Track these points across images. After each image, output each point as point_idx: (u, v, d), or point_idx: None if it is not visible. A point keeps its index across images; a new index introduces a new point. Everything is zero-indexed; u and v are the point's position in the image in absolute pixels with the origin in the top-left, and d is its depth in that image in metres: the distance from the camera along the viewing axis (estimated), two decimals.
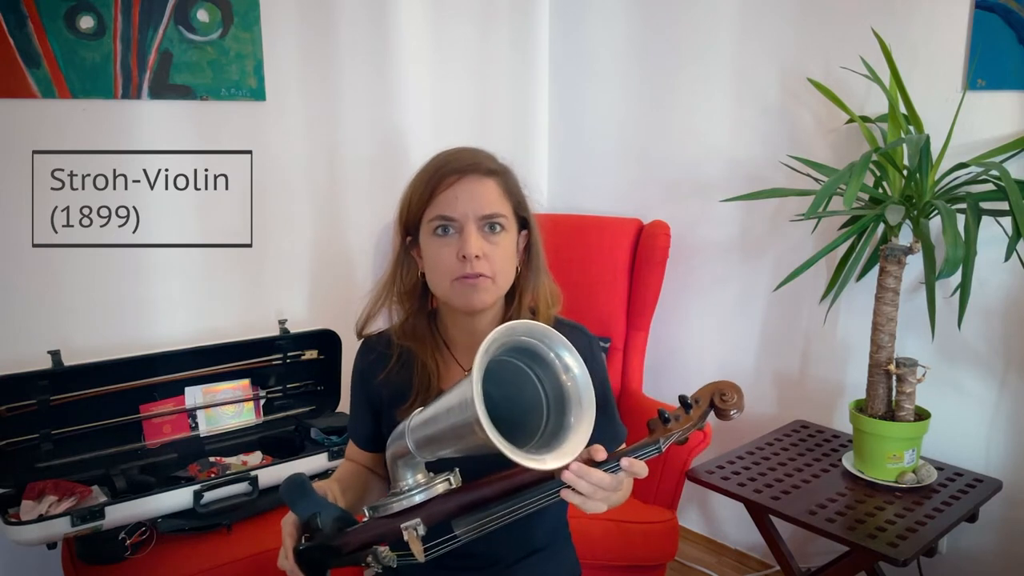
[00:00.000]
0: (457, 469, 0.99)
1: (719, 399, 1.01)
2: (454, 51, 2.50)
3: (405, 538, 0.94)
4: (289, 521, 0.98)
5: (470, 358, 1.15)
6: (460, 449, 0.91)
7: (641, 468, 0.95)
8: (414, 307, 1.16)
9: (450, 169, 1.07)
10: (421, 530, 0.94)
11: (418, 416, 0.96)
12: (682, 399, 1.01)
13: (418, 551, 0.93)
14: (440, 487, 0.96)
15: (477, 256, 1.04)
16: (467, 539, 0.98)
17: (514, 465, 0.85)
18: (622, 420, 1.24)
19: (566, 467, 0.90)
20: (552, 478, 0.95)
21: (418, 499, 0.95)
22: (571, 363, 0.93)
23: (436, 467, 0.99)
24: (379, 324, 1.21)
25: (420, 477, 0.98)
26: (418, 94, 2.42)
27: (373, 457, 1.24)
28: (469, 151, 1.11)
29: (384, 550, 0.95)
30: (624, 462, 0.93)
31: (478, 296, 1.07)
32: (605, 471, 0.93)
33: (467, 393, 0.84)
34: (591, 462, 0.93)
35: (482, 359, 0.86)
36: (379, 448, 1.23)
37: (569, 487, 0.91)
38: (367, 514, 0.97)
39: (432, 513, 0.96)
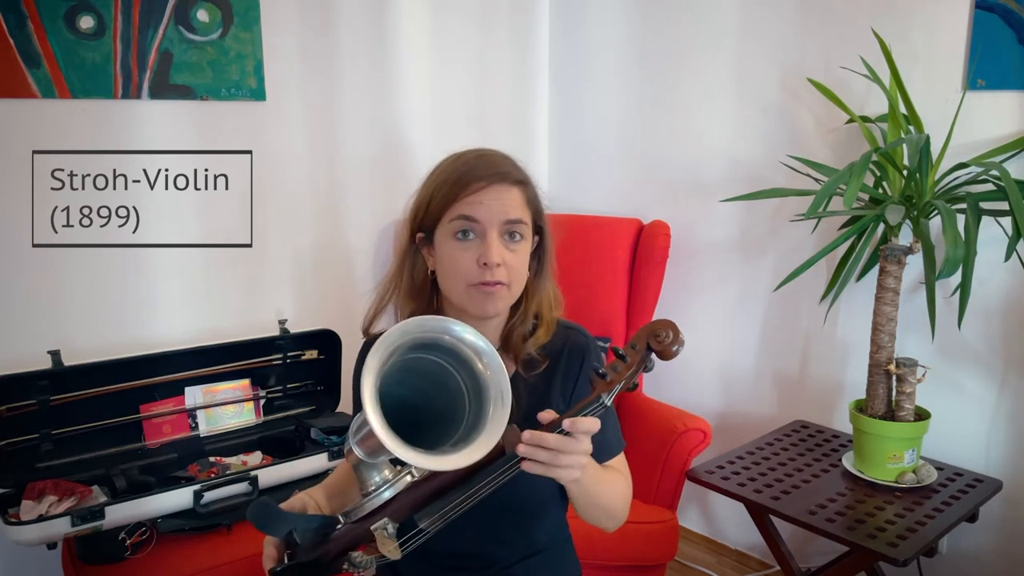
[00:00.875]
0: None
1: (654, 341, 0.97)
2: (454, 51, 2.50)
3: (376, 539, 0.93)
4: (269, 542, 0.97)
5: None
6: (387, 455, 0.90)
7: (589, 424, 0.92)
8: (420, 306, 1.16)
9: (479, 174, 1.06)
10: (391, 528, 0.93)
11: (355, 420, 0.96)
12: (615, 350, 0.98)
13: (390, 550, 0.91)
14: (406, 479, 0.95)
15: (498, 264, 1.04)
16: (434, 530, 0.95)
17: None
18: (622, 421, 1.23)
19: (502, 449, 0.90)
20: (503, 454, 0.94)
21: (387, 495, 0.94)
22: (482, 346, 0.92)
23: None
24: (384, 322, 1.21)
25: (387, 473, 0.96)
26: (418, 94, 2.42)
27: None
28: (499, 156, 1.11)
29: (359, 555, 0.94)
30: (566, 423, 0.91)
31: (493, 304, 1.07)
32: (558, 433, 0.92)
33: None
34: (544, 427, 0.93)
35: (374, 360, 0.86)
36: None
37: (527, 459, 0.91)
38: (341, 521, 0.96)
39: (398, 508, 0.94)
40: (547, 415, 0.93)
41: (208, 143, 2.05)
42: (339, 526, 0.95)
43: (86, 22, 1.82)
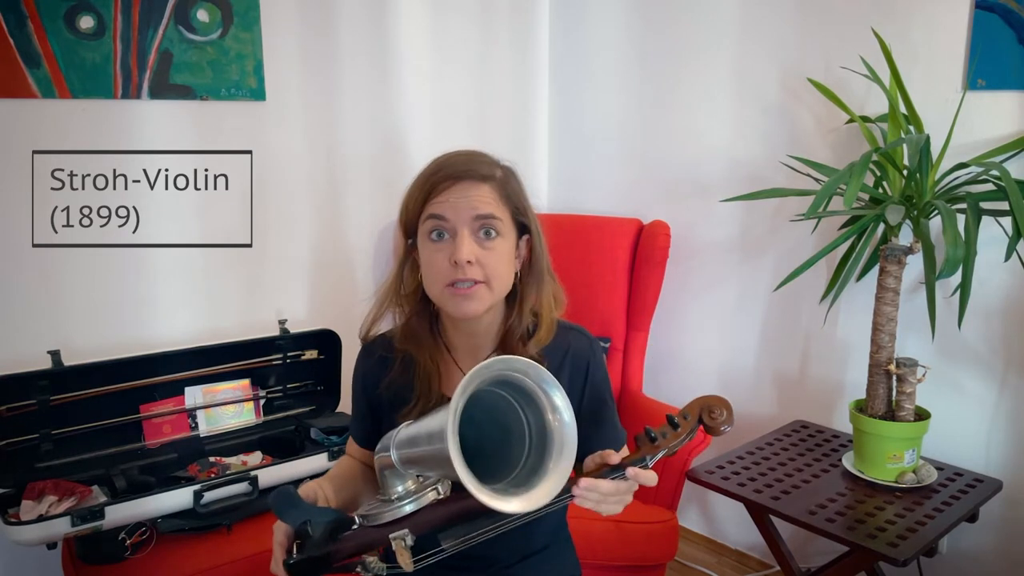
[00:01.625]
0: (444, 483, 0.98)
1: (708, 416, 1.00)
2: (454, 51, 2.50)
3: (393, 548, 0.93)
4: (280, 529, 0.97)
5: (471, 362, 1.15)
6: (440, 474, 0.92)
7: (648, 477, 0.96)
8: (416, 310, 1.15)
9: (444, 174, 1.06)
10: (409, 540, 0.93)
11: (404, 431, 0.96)
12: (669, 418, 1.00)
13: (406, 562, 0.92)
14: (430, 495, 0.96)
15: (469, 262, 1.03)
16: (453, 551, 0.97)
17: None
18: (622, 421, 1.24)
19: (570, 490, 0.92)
20: None
21: (408, 509, 0.95)
22: (560, 404, 0.93)
23: None
24: (383, 327, 1.21)
25: (411, 485, 0.97)
26: (418, 94, 2.42)
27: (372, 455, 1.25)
28: (465, 155, 1.10)
29: (373, 560, 0.95)
30: (630, 471, 0.95)
31: (470, 305, 1.05)
32: (612, 479, 0.94)
33: (443, 424, 0.84)
34: (602, 467, 0.96)
35: (463, 391, 0.86)
36: None
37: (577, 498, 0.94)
38: (358, 522, 0.96)
39: (420, 523, 0.95)
40: (613, 457, 0.96)
41: (208, 143, 2.05)
42: (354, 527, 0.95)
43: (86, 22, 1.82)
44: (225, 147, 2.08)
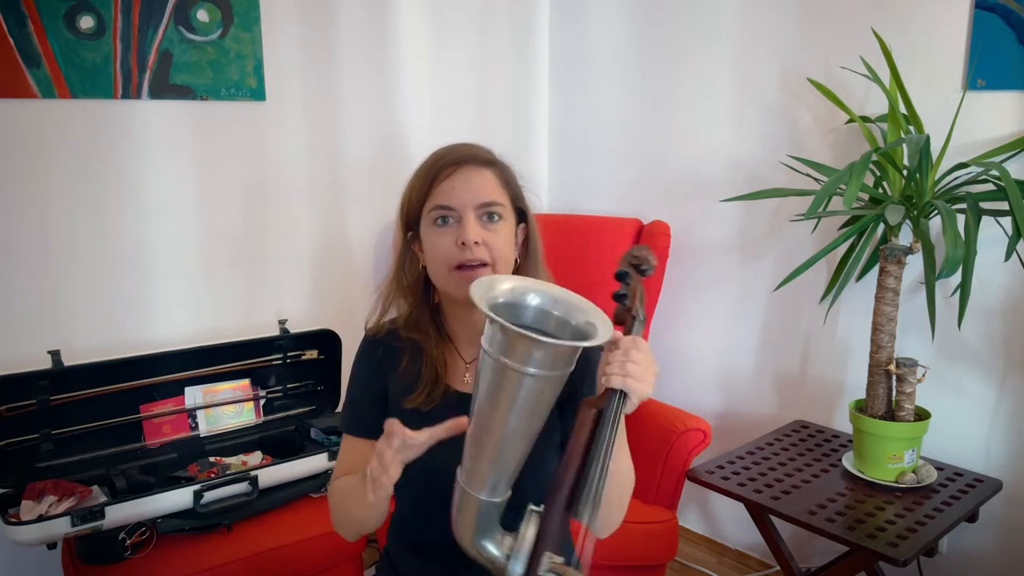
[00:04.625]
0: (530, 505, 0.90)
1: (633, 259, 1.04)
2: (454, 50, 2.50)
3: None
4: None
5: (472, 351, 1.16)
6: (524, 421, 0.84)
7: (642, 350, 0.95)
8: (417, 301, 1.17)
9: (447, 161, 1.09)
10: (558, 558, 0.86)
11: (466, 454, 0.90)
12: (618, 275, 1.03)
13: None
14: (531, 531, 0.86)
15: (476, 243, 1.06)
16: (593, 512, 0.87)
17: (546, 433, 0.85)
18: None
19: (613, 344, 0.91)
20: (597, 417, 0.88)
21: (519, 570, 0.86)
22: (541, 289, 0.93)
23: (510, 521, 0.92)
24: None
25: (508, 541, 0.89)
26: (418, 93, 2.42)
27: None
28: (465, 144, 1.13)
29: None
30: (625, 339, 0.94)
31: None
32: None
33: (495, 339, 0.81)
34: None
35: (484, 305, 0.82)
36: None
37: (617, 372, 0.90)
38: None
39: (548, 537, 0.86)
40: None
41: (208, 143, 2.05)
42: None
43: (86, 22, 1.82)
44: (225, 147, 2.08)
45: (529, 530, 0.87)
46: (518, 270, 1.15)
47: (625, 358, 0.91)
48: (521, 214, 1.16)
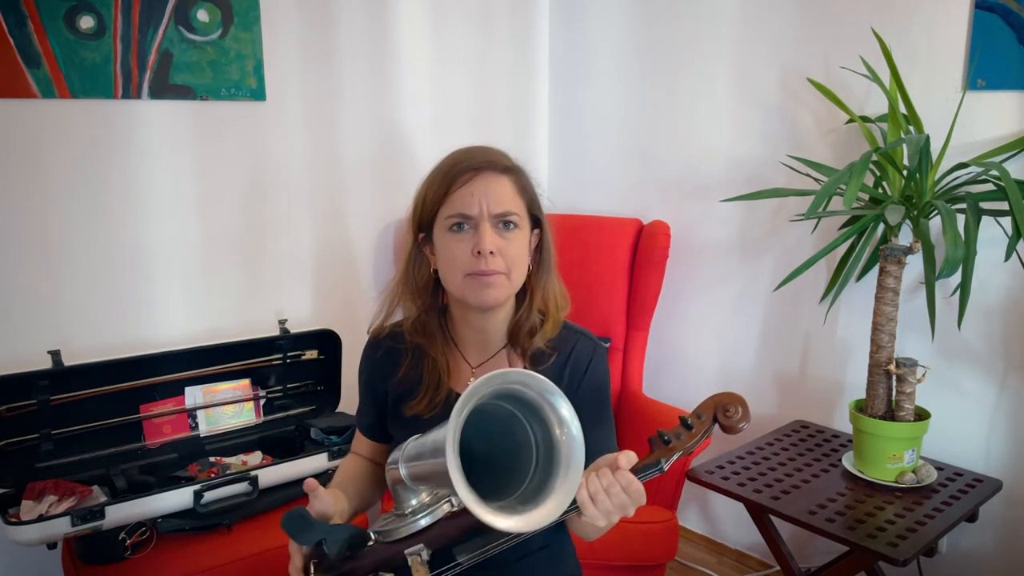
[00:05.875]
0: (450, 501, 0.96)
1: (723, 414, 0.97)
2: (454, 51, 2.50)
3: (410, 564, 0.91)
4: (296, 551, 0.96)
5: (479, 356, 1.16)
6: (449, 490, 0.87)
7: (637, 490, 0.91)
8: (425, 304, 1.16)
9: (466, 166, 1.08)
10: (425, 555, 0.92)
11: (412, 444, 0.95)
12: (682, 419, 0.97)
13: None
14: (444, 508, 0.94)
15: (492, 252, 1.05)
16: (470, 564, 0.95)
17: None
18: (622, 421, 1.24)
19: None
20: None
21: (423, 523, 0.93)
22: (566, 416, 0.88)
23: None
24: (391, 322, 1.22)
25: (425, 498, 0.95)
26: (418, 94, 2.42)
27: (379, 448, 1.25)
28: (484, 149, 1.12)
29: None
30: (619, 474, 0.90)
31: (491, 292, 1.07)
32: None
33: (444, 439, 0.81)
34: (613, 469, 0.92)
35: (461, 409, 0.82)
36: (385, 439, 1.24)
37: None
38: (373, 538, 0.95)
39: (434, 536, 0.93)
40: (631, 457, 0.92)
41: (208, 143, 2.05)
42: (370, 543, 0.94)
43: (86, 22, 1.82)
44: (225, 147, 2.08)
45: (443, 506, 0.94)
46: (530, 278, 1.14)
47: (610, 489, 0.90)
48: (535, 220, 1.15)
